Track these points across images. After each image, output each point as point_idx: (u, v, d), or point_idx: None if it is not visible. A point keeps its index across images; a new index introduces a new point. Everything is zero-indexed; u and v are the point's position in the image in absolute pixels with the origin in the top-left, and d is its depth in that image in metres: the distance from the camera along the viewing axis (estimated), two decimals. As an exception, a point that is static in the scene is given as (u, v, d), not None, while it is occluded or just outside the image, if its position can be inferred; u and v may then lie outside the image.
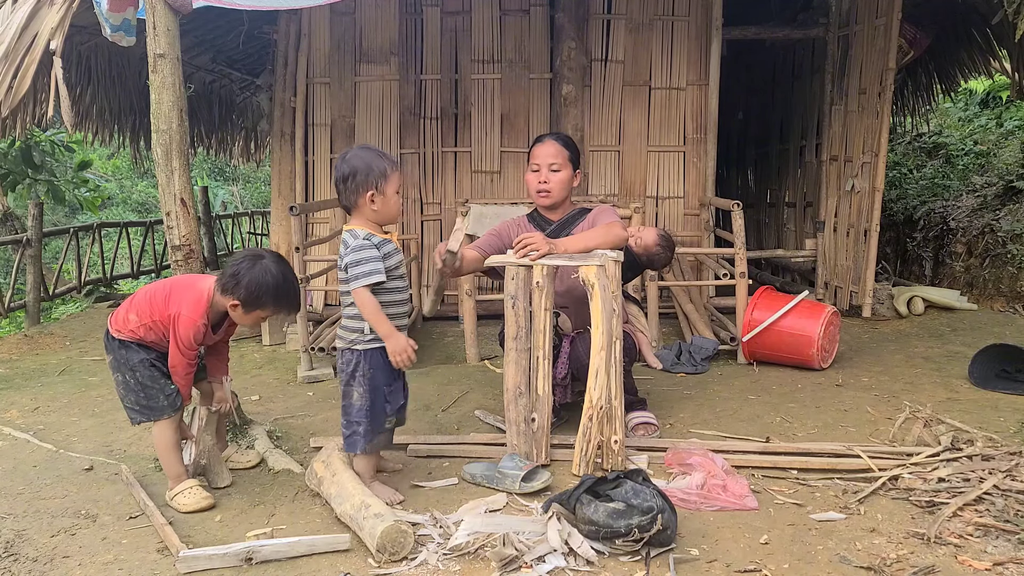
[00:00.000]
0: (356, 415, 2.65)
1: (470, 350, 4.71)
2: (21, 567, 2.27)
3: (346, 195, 2.62)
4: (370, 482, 2.67)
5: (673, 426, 3.44)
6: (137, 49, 3.89)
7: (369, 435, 2.65)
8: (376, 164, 2.60)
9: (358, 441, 2.65)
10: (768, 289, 4.69)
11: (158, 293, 2.70)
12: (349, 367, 2.65)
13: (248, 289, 2.59)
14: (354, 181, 2.59)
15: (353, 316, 2.65)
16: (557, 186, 3.27)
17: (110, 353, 2.74)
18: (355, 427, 2.65)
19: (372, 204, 2.60)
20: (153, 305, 2.67)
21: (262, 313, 2.66)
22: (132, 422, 2.76)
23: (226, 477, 2.86)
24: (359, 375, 2.64)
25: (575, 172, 3.33)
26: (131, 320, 2.68)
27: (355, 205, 2.63)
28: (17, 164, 9.14)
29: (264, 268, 2.60)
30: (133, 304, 2.71)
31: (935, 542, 2.28)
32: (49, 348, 5.51)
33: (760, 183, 8.80)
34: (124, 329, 2.69)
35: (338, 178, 2.63)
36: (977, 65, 7.21)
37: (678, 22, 6.06)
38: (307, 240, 5.11)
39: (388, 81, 6.06)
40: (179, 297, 2.66)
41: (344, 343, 2.68)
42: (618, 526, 2.21)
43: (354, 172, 2.59)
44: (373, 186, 2.59)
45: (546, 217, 3.38)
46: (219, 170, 18.87)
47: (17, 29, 4.17)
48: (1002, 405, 3.60)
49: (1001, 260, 6.35)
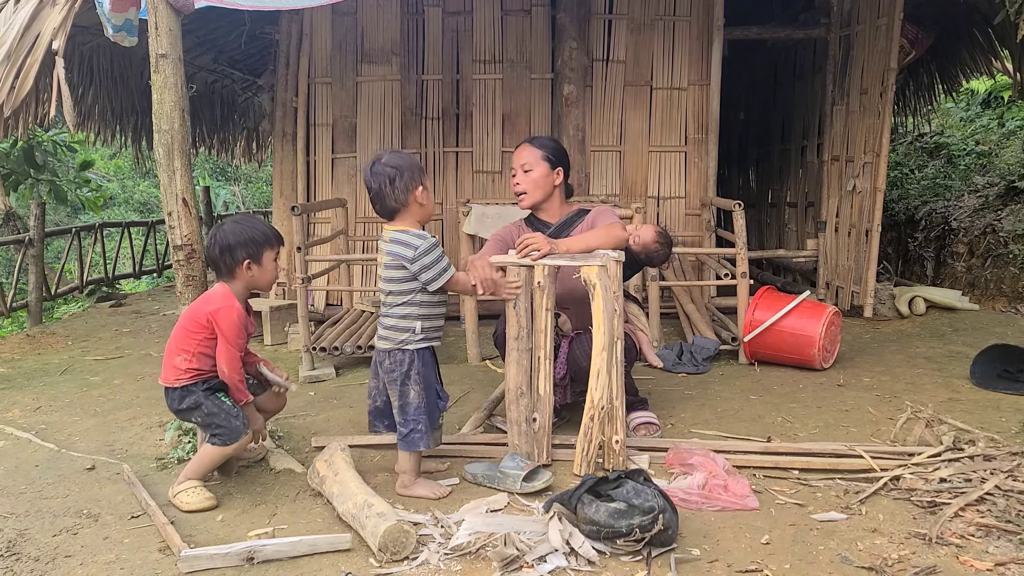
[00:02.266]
0: (415, 413, 2.66)
1: (471, 350, 4.71)
2: (23, 566, 2.28)
3: (395, 197, 2.63)
4: (415, 479, 2.70)
5: (674, 426, 3.44)
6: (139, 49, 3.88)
7: (429, 432, 2.67)
8: (415, 162, 2.69)
9: (419, 439, 2.66)
10: (769, 289, 4.69)
11: (185, 325, 2.72)
12: (403, 367, 2.65)
13: (243, 246, 2.67)
14: (402, 180, 2.61)
15: (403, 316, 2.66)
16: (530, 185, 3.28)
17: (176, 405, 2.74)
18: (414, 425, 2.66)
19: (420, 200, 2.66)
20: (190, 334, 2.69)
21: (270, 254, 2.73)
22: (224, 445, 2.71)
23: (234, 466, 2.91)
24: (414, 374, 2.65)
25: (555, 169, 3.31)
26: (181, 362, 2.69)
27: (405, 204, 2.64)
28: (19, 164, 9.16)
29: (231, 226, 2.72)
30: (171, 353, 2.72)
31: (937, 542, 2.28)
32: (51, 348, 5.51)
33: (761, 183, 8.80)
34: (182, 376, 2.70)
35: (382, 183, 2.62)
36: (979, 65, 7.20)
37: (680, 22, 6.05)
38: (309, 240, 5.12)
39: (390, 81, 6.07)
40: (206, 306, 2.70)
41: (392, 344, 2.67)
42: (619, 526, 2.21)
43: (400, 172, 2.62)
44: (420, 181, 2.66)
45: (543, 220, 3.38)
46: (221, 170, 18.88)
47: (19, 29, 4.17)
48: (1004, 405, 3.59)
49: (1003, 260, 6.35)
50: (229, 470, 2.91)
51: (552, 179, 3.31)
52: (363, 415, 3.48)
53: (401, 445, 2.71)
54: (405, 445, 2.69)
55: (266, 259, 2.73)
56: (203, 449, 2.75)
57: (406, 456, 2.71)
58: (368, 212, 6.00)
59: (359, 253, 5.85)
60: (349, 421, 3.57)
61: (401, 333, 2.66)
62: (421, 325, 2.66)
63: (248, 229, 2.72)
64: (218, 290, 2.73)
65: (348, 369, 4.62)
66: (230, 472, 2.91)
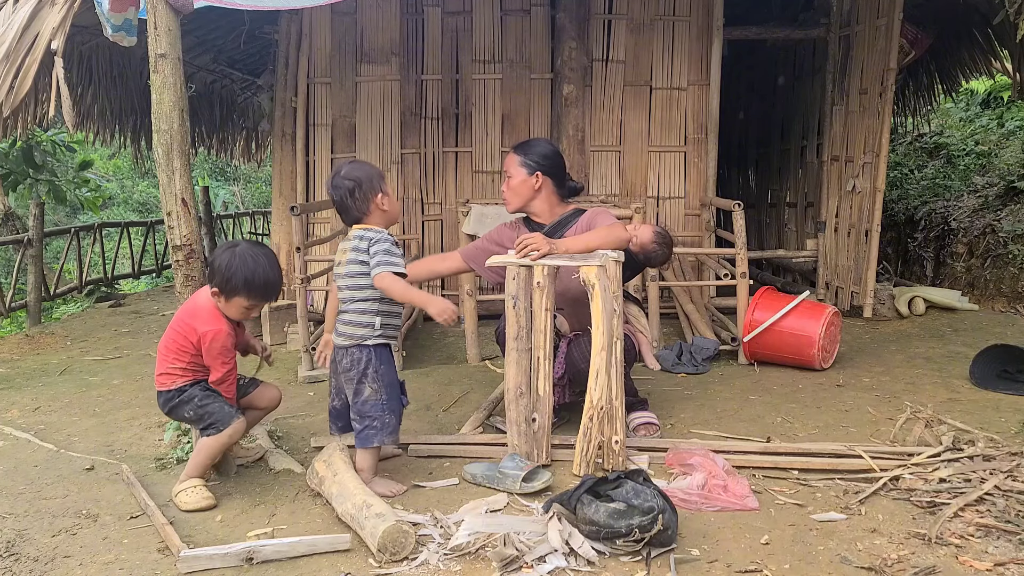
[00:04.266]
0: (372, 410, 2.67)
1: (471, 350, 4.71)
2: (22, 567, 2.27)
3: (357, 207, 2.70)
4: (373, 477, 2.69)
5: (674, 426, 3.44)
6: (138, 49, 3.88)
7: (386, 428, 2.68)
8: (371, 170, 2.77)
9: (374, 435, 2.67)
10: (769, 289, 4.69)
11: (175, 338, 2.73)
12: (360, 364, 2.67)
13: (221, 275, 2.64)
14: (361, 191, 2.69)
15: (362, 311, 2.67)
16: (509, 193, 3.33)
17: (169, 405, 2.76)
18: (369, 421, 2.67)
19: (382, 206, 2.73)
20: (181, 348, 2.71)
21: (241, 301, 2.68)
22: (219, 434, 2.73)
23: (232, 466, 2.91)
24: (371, 371, 2.66)
25: (532, 174, 3.28)
26: (173, 371, 2.72)
27: (367, 212, 2.72)
28: (18, 164, 9.16)
29: (236, 254, 2.66)
30: (163, 362, 2.74)
31: (936, 542, 2.28)
32: (50, 348, 5.51)
33: (761, 183, 8.79)
34: (177, 381, 2.73)
35: (343, 195, 2.70)
36: (978, 65, 7.21)
37: (679, 22, 6.05)
38: (308, 240, 5.11)
39: (389, 81, 6.06)
40: (193, 323, 2.70)
41: (349, 340, 2.68)
42: (619, 526, 2.21)
43: (359, 183, 2.70)
44: (379, 189, 2.73)
45: (536, 221, 3.38)
46: (220, 170, 18.88)
47: (18, 29, 4.17)
48: (1003, 405, 3.59)
49: (1002, 260, 6.35)
50: (228, 470, 2.91)
51: (530, 184, 3.29)
52: (362, 415, 3.49)
53: (357, 442, 2.72)
54: (361, 442, 2.70)
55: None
56: (199, 444, 2.75)
57: (362, 453, 2.71)
58: (367, 212, 6.00)
59: (358, 253, 5.84)
60: (348, 421, 3.56)
61: (359, 328, 2.68)
62: (380, 320, 2.69)
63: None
64: (205, 306, 2.71)
65: (347, 369, 4.61)
66: (229, 472, 2.91)
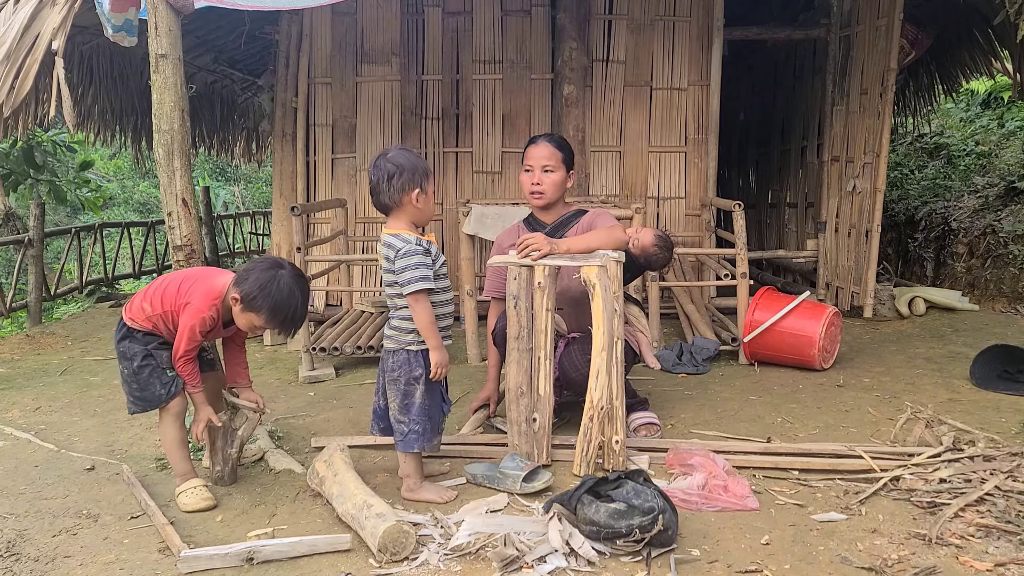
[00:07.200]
0: (416, 414, 2.64)
1: (471, 350, 4.71)
2: (23, 567, 2.28)
3: (389, 193, 2.59)
4: (420, 483, 2.68)
5: (674, 427, 3.44)
6: (139, 49, 3.89)
7: (428, 434, 2.65)
8: (420, 164, 2.63)
9: (415, 440, 2.64)
10: (769, 289, 4.69)
11: (172, 283, 2.72)
12: (405, 368, 2.64)
13: (252, 287, 2.59)
14: (400, 179, 2.58)
15: (406, 317, 2.63)
16: (550, 187, 3.28)
17: (118, 338, 2.74)
18: (413, 426, 2.64)
19: (416, 203, 2.61)
20: (166, 295, 2.69)
21: (256, 319, 2.63)
22: (129, 412, 2.77)
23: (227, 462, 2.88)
24: (415, 376, 2.64)
25: (568, 173, 3.33)
26: (145, 309, 2.69)
27: (398, 204, 2.61)
28: (19, 164, 9.16)
29: (275, 276, 2.60)
30: (148, 294, 2.72)
31: (936, 543, 2.28)
32: (51, 348, 5.51)
33: (761, 184, 8.80)
34: (138, 318, 2.70)
35: (381, 177, 2.59)
36: (978, 66, 7.20)
37: (679, 22, 6.05)
38: (308, 240, 5.12)
39: (389, 81, 6.06)
40: (192, 288, 2.68)
41: (398, 344, 2.66)
42: (619, 526, 2.21)
43: (401, 170, 2.58)
44: (419, 184, 2.60)
45: (541, 220, 3.39)
46: (221, 170, 18.88)
47: (19, 30, 4.18)
48: (1003, 406, 3.59)
49: (1002, 261, 6.35)
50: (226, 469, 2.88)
51: (567, 182, 3.34)
52: (363, 416, 3.49)
53: (398, 446, 2.69)
54: (402, 446, 2.68)
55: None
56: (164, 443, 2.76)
57: (405, 459, 2.70)
58: (368, 212, 6.01)
59: (359, 253, 5.85)
60: (349, 421, 3.56)
61: (405, 334, 2.65)
62: None
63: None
64: (215, 284, 2.68)
65: (348, 369, 4.61)
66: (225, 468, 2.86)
